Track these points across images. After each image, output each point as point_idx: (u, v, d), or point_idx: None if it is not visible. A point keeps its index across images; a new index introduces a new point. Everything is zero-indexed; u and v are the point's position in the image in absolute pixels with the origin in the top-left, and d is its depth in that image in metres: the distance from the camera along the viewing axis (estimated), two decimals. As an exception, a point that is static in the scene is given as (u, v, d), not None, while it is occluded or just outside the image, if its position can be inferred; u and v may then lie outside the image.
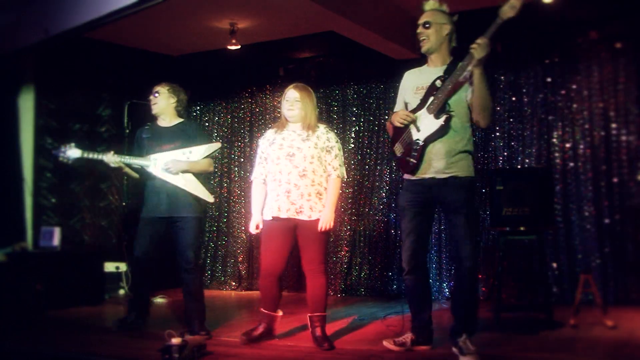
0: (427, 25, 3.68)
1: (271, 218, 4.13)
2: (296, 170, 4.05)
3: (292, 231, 4.16)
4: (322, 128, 4.19)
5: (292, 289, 7.09)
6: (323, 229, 4.06)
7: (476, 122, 3.68)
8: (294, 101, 4.13)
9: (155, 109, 4.70)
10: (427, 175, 3.68)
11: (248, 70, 7.53)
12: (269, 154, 4.18)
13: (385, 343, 3.90)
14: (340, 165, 4.17)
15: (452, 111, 3.61)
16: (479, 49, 3.42)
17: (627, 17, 5.68)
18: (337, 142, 4.19)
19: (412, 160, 3.67)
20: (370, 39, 6.04)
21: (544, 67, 6.06)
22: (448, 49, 3.75)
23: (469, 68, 3.53)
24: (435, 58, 3.75)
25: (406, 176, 3.82)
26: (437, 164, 3.65)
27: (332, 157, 4.14)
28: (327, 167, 4.14)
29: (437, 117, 3.62)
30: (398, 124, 3.76)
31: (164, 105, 4.67)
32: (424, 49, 3.72)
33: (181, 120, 4.76)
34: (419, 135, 3.68)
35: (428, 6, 3.73)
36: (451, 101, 3.63)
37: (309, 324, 4.16)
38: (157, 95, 4.66)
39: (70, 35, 5.44)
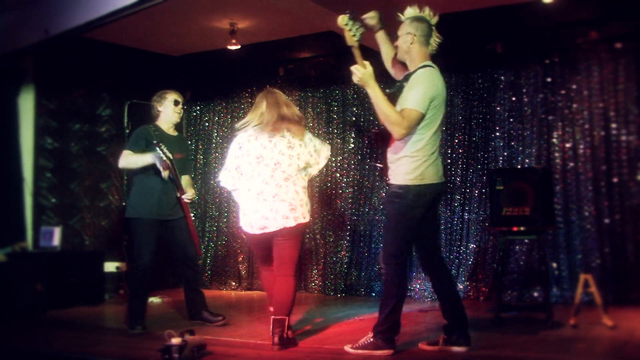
0: (396, 37, 3.84)
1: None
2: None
3: None
4: None
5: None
6: None
7: None
8: None
9: (176, 119, 4.91)
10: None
11: (248, 70, 7.53)
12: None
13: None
14: None
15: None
16: (354, 75, 3.62)
17: (627, 17, 5.67)
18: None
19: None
20: (370, 39, 6.02)
21: (544, 67, 6.05)
22: (419, 55, 3.80)
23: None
24: (408, 65, 3.87)
25: None
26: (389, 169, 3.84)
27: None
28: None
29: None
30: None
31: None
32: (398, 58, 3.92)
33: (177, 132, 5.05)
34: None
35: (402, 18, 3.84)
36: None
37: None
38: (184, 107, 4.96)
39: (70, 35, 5.44)
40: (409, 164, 3.68)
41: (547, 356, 3.74)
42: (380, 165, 3.89)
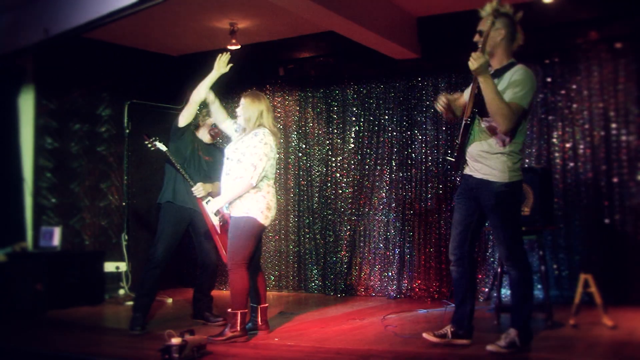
0: (480, 33, 3.78)
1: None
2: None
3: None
4: (253, 132, 4.33)
5: (292, 289, 7.10)
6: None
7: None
8: (239, 108, 4.41)
9: (210, 141, 5.09)
10: (468, 172, 3.86)
11: (248, 70, 7.52)
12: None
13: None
14: (254, 167, 4.23)
15: (469, 118, 3.73)
16: (472, 62, 3.55)
17: (627, 17, 5.67)
18: (260, 146, 4.24)
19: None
20: (370, 39, 6.04)
21: (544, 67, 6.05)
22: (506, 51, 3.82)
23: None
24: (493, 62, 3.84)
25: None
26: (472, 164, 3.81)
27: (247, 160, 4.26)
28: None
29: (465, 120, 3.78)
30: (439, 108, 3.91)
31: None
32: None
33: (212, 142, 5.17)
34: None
35: (484, 12, 3.80)
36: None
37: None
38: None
39: (70, 35, 5.44)
40: (510, 160, 3.71)
41: (547, 356, 3.74)
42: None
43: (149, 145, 4.94)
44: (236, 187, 4.22)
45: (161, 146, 4.91)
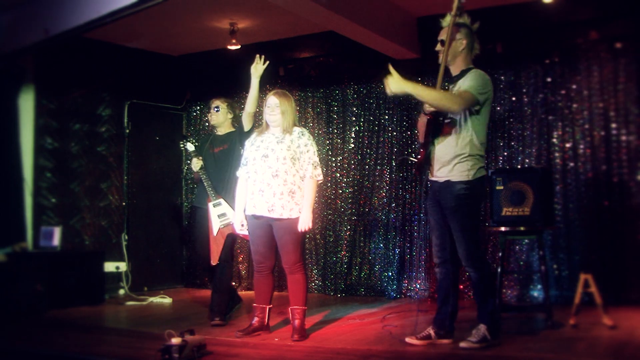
0: (442, 43, 3.92)
1: (251, 214, 4.36)
2: (269, 171, 4.27)
3: (271, 228, 4.34)
4: (297, 131, 4.40)
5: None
6: (302, 230, 4.27)
7: None
8: (274, 107, 4.36)
9: (212, 121, 5.23)
10: (433, 178, 3.96)
11: (248, 70, 7.49)
12: (248, 155, 4.44)
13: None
14: (314, 167, 4.36)
15: (433, 112, 3.86)
16: (388, 89, 3.89)
17: (627, 17, 5.67)
18: (312, 144, 4.40)
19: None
20: (370, 39, 6.04)
21: (544, 67, 6.05)
22: (465, 59, 3.96)
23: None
24: (453, 69, 4.00)
25: None
26: (436, 166, 3.89)
27: (306, 160, 4.34)
28: (299, 170, 4.35)
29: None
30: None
31: (222, 119, 5.22)
32: (440, 62, 3.95)
33: (232, 129, 5.23)
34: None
35: (445, 22, 3.95)
36: None
37: (290, 317, 4.37)
38: (217, 110, 5.18)
39: (70, 35, 5.44)
40: (468, 162, 3.80)
41: (547, 356, 3.74)
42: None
43: (181, 145, 5.28)
44: (313, 191, 4.33)
45: (189, 146, 5.16)
